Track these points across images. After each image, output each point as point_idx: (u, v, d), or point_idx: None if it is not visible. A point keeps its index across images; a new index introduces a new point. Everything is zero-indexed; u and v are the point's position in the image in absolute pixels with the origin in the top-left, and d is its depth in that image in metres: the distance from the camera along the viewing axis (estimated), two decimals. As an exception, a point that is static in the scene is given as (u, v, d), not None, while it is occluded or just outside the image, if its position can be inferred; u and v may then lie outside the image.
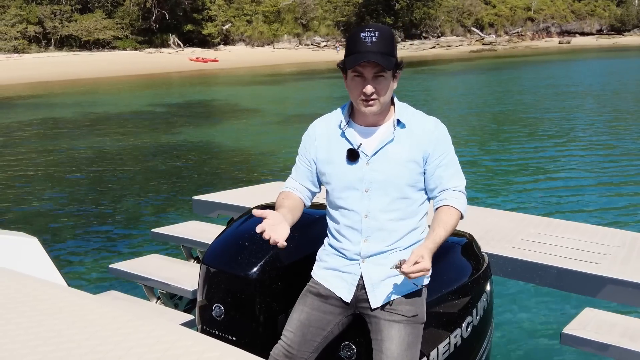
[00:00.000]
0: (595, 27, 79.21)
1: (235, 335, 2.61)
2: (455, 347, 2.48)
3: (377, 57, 2.18)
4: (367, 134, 2.33)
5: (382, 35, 2.21)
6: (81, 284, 5.84)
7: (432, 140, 2.33)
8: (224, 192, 4.97)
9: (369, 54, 2.18)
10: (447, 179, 2.35)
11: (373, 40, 2.19)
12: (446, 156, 2.35)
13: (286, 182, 2.52)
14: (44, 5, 50.83)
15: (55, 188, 10.40)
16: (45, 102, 24.56)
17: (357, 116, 2.35)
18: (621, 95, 23.17)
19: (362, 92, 2.23)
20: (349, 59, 2.22)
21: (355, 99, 2.27)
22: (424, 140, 2.32)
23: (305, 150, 2.45)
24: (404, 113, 2.36)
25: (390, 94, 2.31)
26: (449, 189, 2.35)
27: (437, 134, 2.35)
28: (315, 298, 2.40)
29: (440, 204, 2.36)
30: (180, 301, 3.78)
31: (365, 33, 2.20)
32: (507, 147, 13.78)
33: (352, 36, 2.24)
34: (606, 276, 3.14)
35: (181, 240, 4.21)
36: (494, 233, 3.80)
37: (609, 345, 2.75)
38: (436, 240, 2.25)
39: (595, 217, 8.01)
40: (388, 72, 2.24)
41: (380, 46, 2.20)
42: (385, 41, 2.22)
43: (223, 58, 49.52)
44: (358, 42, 2.20)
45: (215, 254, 2.71)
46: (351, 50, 2.23)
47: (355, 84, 2.24)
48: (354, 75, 2.24)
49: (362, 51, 2.19)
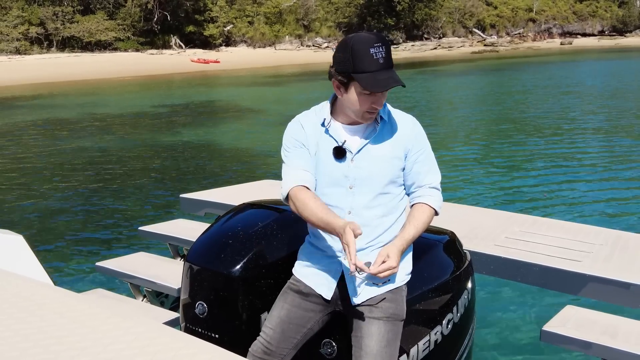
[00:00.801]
0: (597, 28, 79.05)
1: (218, 332, 2.62)
2: (435, 344, 2.49)
3: (395, 77, 2.19)
4: (350, 131, 2.34)
5: (387, 48, 2.21)
6: (68, 282, 5.86)
7: (412, 137, 2.37)
8: (212, 191, 4.98)
9: (388, 76, 2.18)
10: (423, 175, 2.38)
11: (383, 55, 2.18)
12: (423, 152, 2.39)
13: (290, 176, 2.34)
14: (46, 6, 50.91)
15: (44, 187, 10.43)
16: (46, 103, 24.62)
17: (339, 115, 2.36)
18: (617, 96, 23.21)
19: (373, 108, 2.26)
20: (365, 80, 2.17)
21: (360, 111, 2.27)
22: (404, 137, 2.36)
23: (297, 136, 2.37)
24: (384, 110, 2.38)
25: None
26: (425, 186, 2.39)
27: (416, 131, 2.40)
28: (296, 295, 2.42)
29: (414, 201, 2.39)
30: (167, 299, 3.78)
31: (375, 49, 2.17)
32: (496, 146, 13.87)
33: (360, 51, 2.17)
34: (588, 274, 3.15)
35: (168, 238, 4.21)
36: (478, 231, 3.81)
37: (589, 342, 2.76)
38: (405, 237, 2.28)
39: (580, 215, 8.06)
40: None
41: (389, 62, 2.20)
42: (390, 53, 2.22)
43: (225, 59, 49.52)
44: (369, 59, 2.17)
45: (199, 251, 2.72)
46: (362, 68, 2.17)
47: (364, 99, 2.23)
48: (365, 92, 2.22)
49: (378, 70, 2.17)
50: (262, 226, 2.74)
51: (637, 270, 3.19)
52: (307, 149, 2.36)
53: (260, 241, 2.68)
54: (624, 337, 2.78)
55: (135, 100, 25.71)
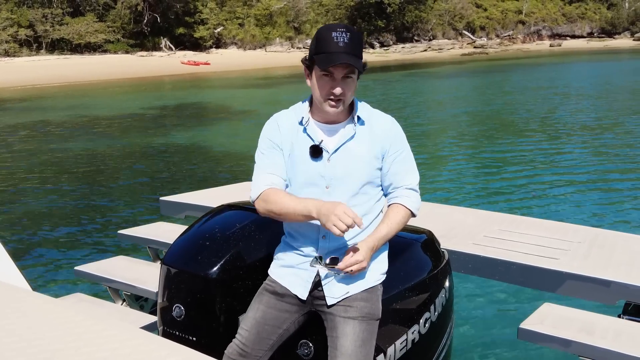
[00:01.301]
0: (586, 30, 79.52)
1: (196, 335, 2.61)
2: (413, 343, 2.49)
3: (351, 59, 2.19)
4: (328, 131, 2.34)
5: (353, 36, 2.22)
6: (47, 286, 5.81)
7: (390, 137, 2.37)
8: (192, 193, 4.96)
9: (342, 55, 2.18)
10: (400, 177, 2.39)
11: (345, 41, 2.19)
12: (401, 153, 2.39)
13: (262, 178, 2.36)
14: (35, 8, 50.68)
15: (23, 190, 10.35)
16: (34, 106, 24.46)
17: (316, 113, 2.36)
18: (600, 97, 23.41)
19: (331, 93, 2.24)
20: (320, 58, 2.21)
21: (322, 97, 2.27)
22: (382, 137, 2.36)
23: (272, 137, 2.39)
24: (363, 110, 2.39)
25: (354, 94, 2.34)
26: (402, 187, 2.39)
27: (395, 131, 2.40)
28: (271, 296, 2.41)
29: (391, 201, 2.40)
30: (146, 303, 3.75)
31: (337, 33, 2.20)
32: (476, 145, 13.96)
33: (322, 34, 2.23)
34: (566, 272, 3.17)
35: (148, 241, 4.18)
36: (456, 230, 3.82)
37: (566, 339, 2.76)
38: (375, 235, 2.30)
39: (558, 213, 8.11)
40: (356, 74, 2.26)
41: (351, 47, 2.20)
42: (356, 42, 2.23)
43: (215, 61, 49.43)
44: (330, 41, 2.20)
45: (176, 254, 2.71)
46: (322, 49, 2.21)
47: (323, 83, 2.24)
48: (323, 74, 2.23)
49: (334, 51, 2.18)
50: (240, 227, 2.73)
51: (614, 268, 3.21)
52: (281, 150, 2.37)
53: (237, 243, 2.67)
54: (601, 334, 2.79)
55: (124, 102, 25.61)
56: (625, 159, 11.92)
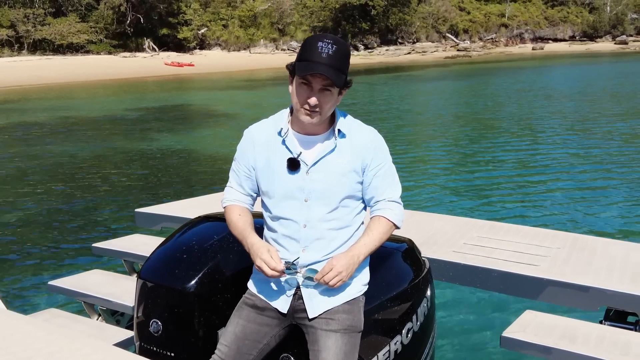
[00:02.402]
0: (568, 33, 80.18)
1: (174, 351, 2.55)
2: (395, 354, 2.46)
3: (329, 71, 2.15)
4: (307, 143, 2.31)
5: (339, 49, 2.18)
6: (19, 301, 5.68)
7: (371, 151, 2.33)
8: (168, 204, 4.89)
9: (322, 66, 2.15)
10: (382, 190, 2.36)
11: (329, 52, 2.16)
12: (383, 166, 2.35)
13: (227, 193, 2.47)
14: (17, 8, 50.06)
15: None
16: (14, 107, 24.15)
17: (296, 124, 2.33)
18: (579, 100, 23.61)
19: (307, 102, 2.21)
20: (301, 65, 2.19)
21: (297, 105, 2.24)
22: (363, 151, 2.31)
23: (245, 157, 2.40)
24: (344, 123, 2.35)
25: (333, 108, 2.29)
26: (384, 200, 2.36)
27: (376, 144, 2.36)
28: (251, 310, 2.37)
29: (373, 214, 2.37)
30: (122, 317, 3.67)
31: (323, 43, 2.17)
32: (455, 151, 14.01)
33: (309, 43, 2.21)
34: (546, 278, 3.18)
35: (123, 254, 4.10)
36: (436, 238, 3.81)
37: (548, 347, 2.76)
38: (357, 246, 2.28)
39: (537, 219, 8.14)
40: (335, 88, 2.22)
41: (334, 60, 2.17)
42: (340, 56, 2.19)
43: (199, 62, 49.16)
44: (314, 50, 2.17)
45: (152, 267, 2.65)
46: (305, 57, 2.19)
47: (301, 90, 2.21)
48: (302, 82, 2.21)
49: (315, 61, 2.16)
50: (218, 239, 2.68)
51: (594, 273, 3.21)
52: (252, 169, 2.39)
53: (215, 255, 2.62)
54: (583, 341, 2.79)
55: (105, 104, 25.36)
56: (604, 163, 12.02)
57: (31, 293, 6.05)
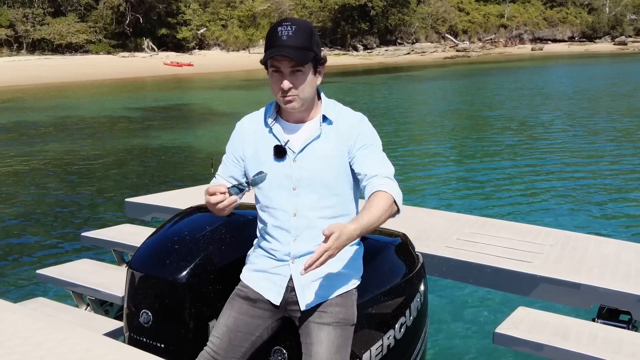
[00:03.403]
0: (567, 34, 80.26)
1: (164, 342, 2.52)
2: (388, 348, 2.43)
3: (290, 51, 2.12)
4: (293, 130, 2.29)
5: (299, 29, 2.15)
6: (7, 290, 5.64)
7: (356, 131, 2.27)
8: (159, 194, 4.86)
9: (283, 49, 2.12)
10: (373, 166, 2.23)
11: (289, 34, 2.13)
12: (370, 145, 2.27)
13: (212, 182, 2.44)
14: (16, 8, 50.05)
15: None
16: (13, 107, 24.13)
17: (283, 113, 2.31)
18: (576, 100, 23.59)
19: (280, 88, 2.18)
20: (265, 54, 2.16)
21: (275, 94, 2.23)
22: (348, 134, 2.27)
23: (233, 148, 2.39)
24: (330, 109, 2.32)
25: (312, 89, 2.25)
26: (378, 175, 2.21)
27: (361, 126, 2.30)
28: (244, 302, 2.34)
29: (369, 191, 2.20)
30: (111, 308, 3.64)
31: (282, 27, 2.15)
32: (448, 147, 14.04)
33: (270, 31, 2.19)
34: (539, 275, 3.17)
35: (112, 244, 4.07)
36: (429, 233, 3.80)
37: (541, 344, 2.74)
38: (359, 219, 2.05)
39: (529, 216, 8.13)
40: (306, 67, 2.18)
41: (296, 40, 2.14)
42: (302, 35, 2.16)
43: (198, 62, 49.15)
44: (274, 36, 2.15)
45: (143, 257, 2.62)
46: (268, 45, 2.18)
47: (274, 79, 2.20)
48: (273, 70, 2.19)
49: (276, 45, 2.13)
50: (210, 230, 2.65)
51: (587, 271, 3.20)
52: (241, 161, 2.37)
53: (207, 246, 2.59)
54: (576, 339, 2.77)
55: (103, 103, 25.34)
56: (597, 162, 12.02)
57: (18, 281, 6.03)
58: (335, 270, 2.30)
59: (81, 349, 2.00)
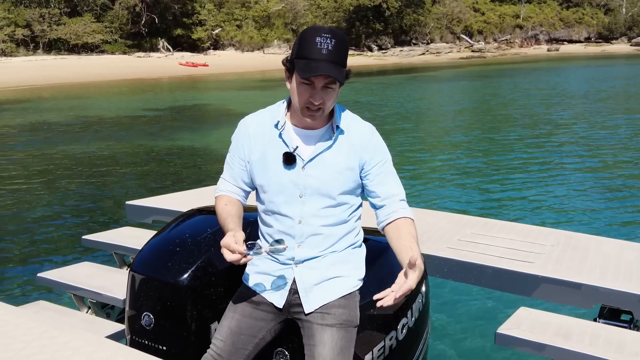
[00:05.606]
0: (584, 34, 79.64)
1: (166, 345, 2.52)
2: (390, 349, 2.42)
3: (332, 69, 2.08)
4: (304, 137, 2.26)
5: (338, 43, 2.11)
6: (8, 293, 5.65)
7: (370, 149, 2.28)
8: (160, 197, 4.83)
9: (323, 65, 2.07)
10: (389, 187, 2.32)
11: (329, 48, 2.08)
12: (384, 163, 2.31)
13: (219, 184, 2.43)
14: (33, 8, 50.60)
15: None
16: (29, 107, 24.35)
17: (294, 117, 2.28)
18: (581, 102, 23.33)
19: (309, 102, 2.14)
20: (301, 65, 2.10)
21: (300, 105, 2.18)
22: (360, 148, 2.27)
23: (239, 150, 2.35)
24: (342, 118, 2.29)
25: (335, 102, 2.24)
26: (395, 199, 2.32)
27: (374, 142, 2.31)
28: (247, 304, 2.33)
29: (393, 216, 2.31)
30: (112, 310, 3.64)
31: (321, 39, 2.09)
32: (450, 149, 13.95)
33: (306, 38, 2.12)
34: (540, 275, 3.16)
35: (113, 247, 4.06)
36: (431, 234, 3.79)
37: (543, 344, 2.73)
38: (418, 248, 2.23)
39: (530, 217, 8.11)
40: (337, 84, 2.16)
41: (334, 56, 2.09)
42: (341, 50, 2.12)
43: (213, 63, 49.40)
44: (312, 47, 2.09)
45: (144, 260, 2.61)
46: (304, 55, 2.11)
47: (302, 90, 2.14)
48: (303, 82, 2.13)
49: (316, 59, 2.08)
50: (212, 232, 2.64)
51: (588, 271, 3.19)
52: (246, 161, 2.34)
53: (209, 248, 2.59)
54: (578, 339, 2.76)
55: (119, 103, 25.52)
56: (599, 162, 11.94)
57: (19, 284, 6.04)
58: (338, 273, 2.31)
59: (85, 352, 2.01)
